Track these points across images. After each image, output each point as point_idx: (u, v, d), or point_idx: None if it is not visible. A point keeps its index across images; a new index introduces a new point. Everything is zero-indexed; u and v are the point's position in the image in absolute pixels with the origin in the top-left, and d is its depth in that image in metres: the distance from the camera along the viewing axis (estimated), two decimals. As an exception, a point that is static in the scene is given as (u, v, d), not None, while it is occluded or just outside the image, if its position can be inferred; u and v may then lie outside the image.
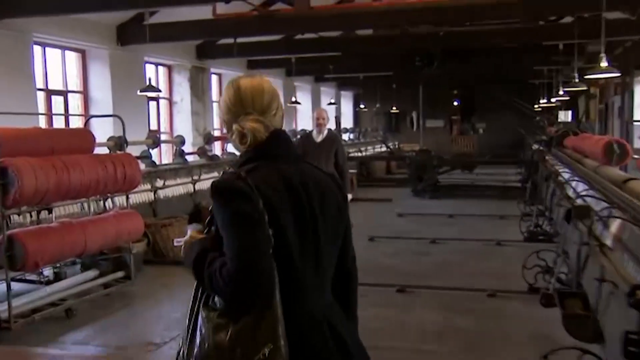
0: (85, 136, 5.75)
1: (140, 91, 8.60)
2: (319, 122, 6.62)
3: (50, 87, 9.37)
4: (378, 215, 11.09)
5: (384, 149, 21.36)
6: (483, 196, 13.05)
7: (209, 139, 11.65)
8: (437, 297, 5.80)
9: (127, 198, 6.28)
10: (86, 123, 6.15)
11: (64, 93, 9.68)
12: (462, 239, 8.46)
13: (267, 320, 1.59)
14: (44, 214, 6.04)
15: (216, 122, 14.44)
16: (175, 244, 1.93)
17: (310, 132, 6.90)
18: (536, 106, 21.18)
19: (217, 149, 12.96)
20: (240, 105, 1.80)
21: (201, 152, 11.20)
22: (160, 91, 9.28)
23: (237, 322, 1.59)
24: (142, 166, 9.09)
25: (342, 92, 24.76)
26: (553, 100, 16.52)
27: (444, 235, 8.63)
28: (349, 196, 6.67)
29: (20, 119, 6.52)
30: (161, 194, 8.74)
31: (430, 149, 15.98)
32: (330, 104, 18.63)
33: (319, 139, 6.58)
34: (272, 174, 1.71)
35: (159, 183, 8.76)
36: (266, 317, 1.59)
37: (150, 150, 9.29)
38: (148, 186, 8.49)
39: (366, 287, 6.11)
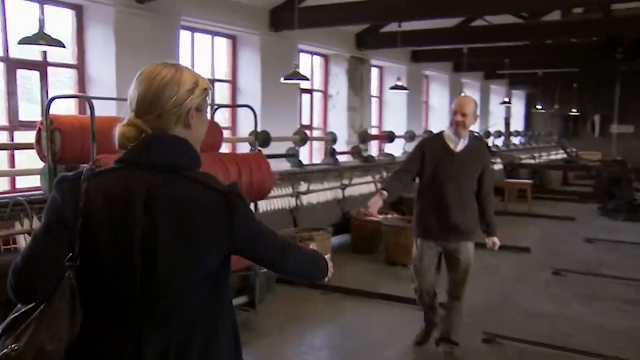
0: (210, 130, 4.64)
1: (285, 78, 7.56)
2: (457, 118, 4.07)
3: (197, 75, 8.71)
4: (559, 238, 9.16)
5: (558, 156, 18.88)
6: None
7: (365, 137, 10.47)
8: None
9: (256, 207, 5.17)
10: (214, 112, 5.07)
11: (211, 82, 8.98)
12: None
13: (19, 322, 1.58)
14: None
15: (374, 119, 13.27)
16: None
17: (440, 133, 4.31)
18: None
19: (374, 149, 11.77)
20: (128, 100, 1.62)
21: (355, 152, 10.05)
22: (307, 79, 8.16)
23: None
24: (287, 166, 8.14)
25: (513, 91, 22.41)
26: None
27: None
28: (497, 243, 4.23)
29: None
30: (304, 199, 7.63)
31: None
32: (503, 102, 16.61)
33: (458, 146, 4.14)
34: (116, 181, 1.56)
35: (303, 187, 7.67)
36: (22, 318, 1.59)
37: (298, 147, 8.30)
38: (289, 190, 7.42)
39: (558, 354, 4.48)
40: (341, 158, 9.38)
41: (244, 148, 7.56)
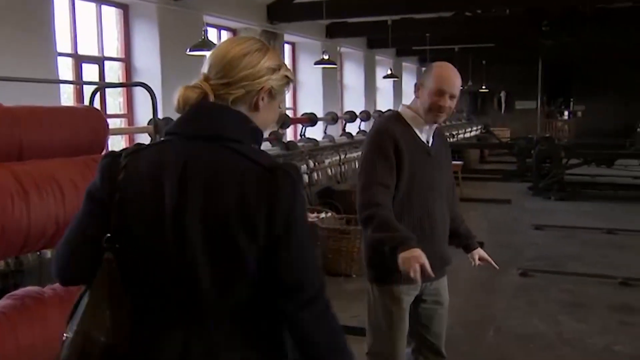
0: (87, 120, 2.88)
1: (191, 49, 6.14)
2: (443, 103, 2.55)
3: (80, 52, 7.07)
4: (506, 226, 8.35)
5: (472, 133, 18.51)
6: (631, 199, 10.08)
7: (284, 122, 9.18)
8: None
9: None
10: (94, 95, 3.47)
11: (99, 60, 7.36)
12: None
13: (75, 307, 1.45)
14: None
15: (288, 101, 12.02)
16: None
17: (398, 115, 2.71)
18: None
19: (291, 134, 10.56)
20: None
21: (274, 138, 8.75)
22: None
23: None
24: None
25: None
26: None
27: (628, 265, 5.90)
28: (485, 256, 3.00)
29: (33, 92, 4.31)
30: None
31: (520, 135, 14.40)
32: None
33: (430, 137, 2.69)
34: (155, 154, 1.40)
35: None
36: (77, 304, 1.45)
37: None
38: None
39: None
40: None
41: (143, 140, 6.12)
